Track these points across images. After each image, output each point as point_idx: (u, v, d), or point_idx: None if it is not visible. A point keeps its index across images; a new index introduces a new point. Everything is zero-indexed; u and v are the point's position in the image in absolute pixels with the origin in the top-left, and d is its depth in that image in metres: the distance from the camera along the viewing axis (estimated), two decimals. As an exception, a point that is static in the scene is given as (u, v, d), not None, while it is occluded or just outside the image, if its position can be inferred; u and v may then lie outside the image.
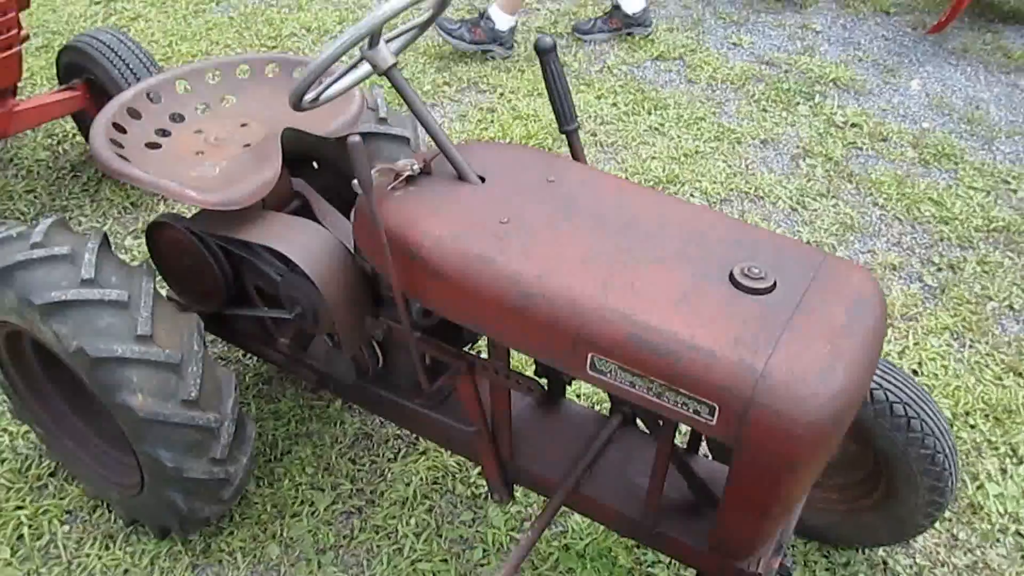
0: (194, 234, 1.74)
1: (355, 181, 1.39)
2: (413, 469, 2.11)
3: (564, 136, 1.64)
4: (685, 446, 1.67)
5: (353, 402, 1.94)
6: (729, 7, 4.41)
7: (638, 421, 1.75)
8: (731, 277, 1.25)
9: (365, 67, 1.52)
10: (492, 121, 3.45)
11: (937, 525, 2.00)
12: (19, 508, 2.02)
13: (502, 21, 3.81)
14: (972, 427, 2.25)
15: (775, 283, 1.24)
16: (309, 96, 1.45)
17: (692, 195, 3.06)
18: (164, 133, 1.82)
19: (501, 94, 3.64)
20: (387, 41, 1.46)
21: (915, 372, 2.40)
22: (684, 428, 1.81)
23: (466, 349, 1.61)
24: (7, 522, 1.98)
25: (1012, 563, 1.95)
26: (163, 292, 2.01)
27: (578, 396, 2.29)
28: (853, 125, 3.48)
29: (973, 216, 3.00)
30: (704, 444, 1.92)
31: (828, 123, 3.49)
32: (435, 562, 1.92)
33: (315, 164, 2.16)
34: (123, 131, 1.76)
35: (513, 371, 1.53)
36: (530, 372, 1.76)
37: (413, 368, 1.76)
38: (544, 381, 1.77)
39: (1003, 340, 2.52)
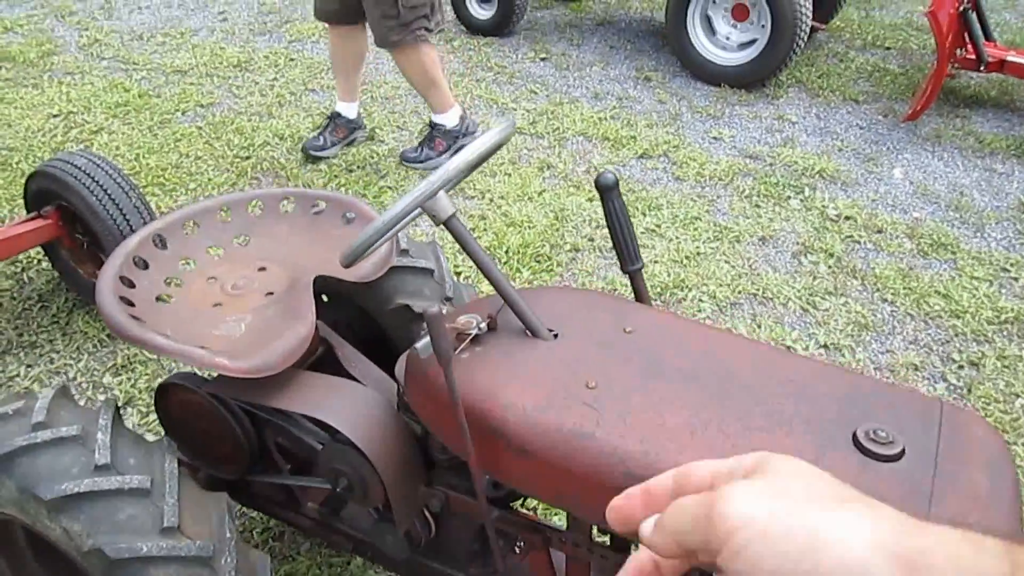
0: (215, 396, 1.56)
1: (418, 345, 1.24)
2: (452, 633, 1.90)
3: (628, 276, 1.53)
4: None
5: (397, 573, 1.74)
6: (703, 100, 4.45)
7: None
8: (855, 441, 1.13)
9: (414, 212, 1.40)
10: (485, 229, 3.34)
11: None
12: None
13: (349, 110, 3.94)
14: (1032, 541, 2.14)
15: (904, 448, 1.12)
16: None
17: (702, 300, 2.98)
18: (174, 283, 1.65)
19: (491, 200, 3.55)
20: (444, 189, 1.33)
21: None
22: None
23: (540, 519, 1.45)
24: None
25: None
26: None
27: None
28: (847, 218, 3.47)
29: (982, 308, 2.97)
30: None
31: (822, 217, 3.47)
32: None
33: (324, 297, 2.01)
34: (131, 285, 1.58)
35: (596, 543, 1.37)
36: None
37: (467, 536, 1.58)
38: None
39: (1040, 440, 2.45)
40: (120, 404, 2.54)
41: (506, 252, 3.20)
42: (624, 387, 1.22)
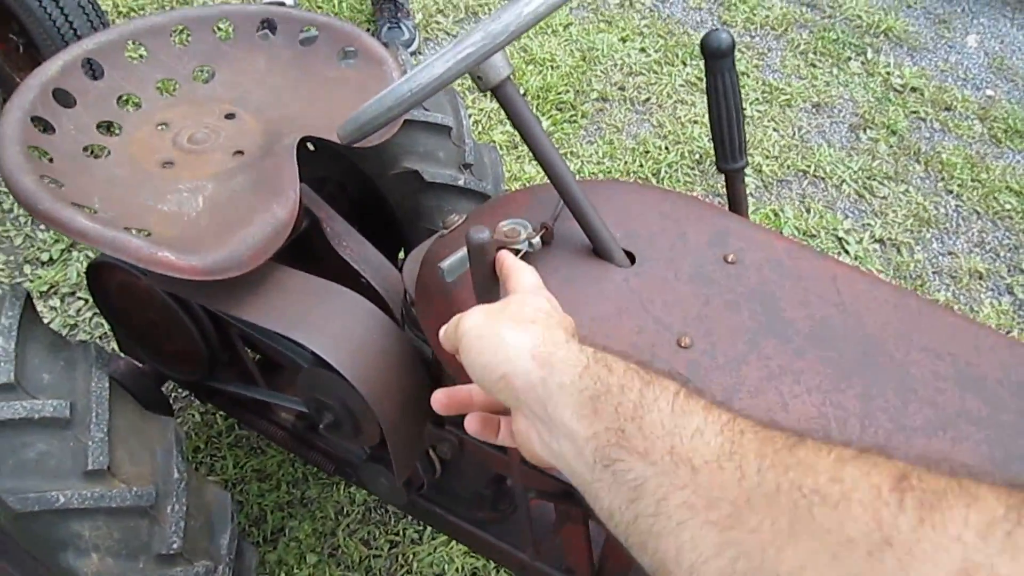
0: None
1: (444, 265, 0.88)
2: (444, 555, 1.65)
3: (724, 175, 1.15)
4: None
5: (392, 506, 1.46)
6: (757, -69, 3.83)
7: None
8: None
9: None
10: (499, 65, 2.86)
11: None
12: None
13: None
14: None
15: None
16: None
17: (745, 174, 2.58)
18: (110, 128, 1.24)
19: (507, 30, 3.04)
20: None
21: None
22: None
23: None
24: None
25: None
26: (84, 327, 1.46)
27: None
28: (912, 89, 3.02)
29: (1058, 210, 2.61)
30: None
31: (885, 86, 3.02)
32: None
33: (310, 146, 1.60)
34: (50, 130, 1.17)
35: None
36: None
37: (478, 479, 1.28)
38: None
39: (1109, 372, 2.18)
40: (46, 289, 2.17)
41: (524, 95, 2.74)
42: (730, 349, 0.88)
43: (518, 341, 0.54)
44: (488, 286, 0.76)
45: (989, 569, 0.29)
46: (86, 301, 2.07)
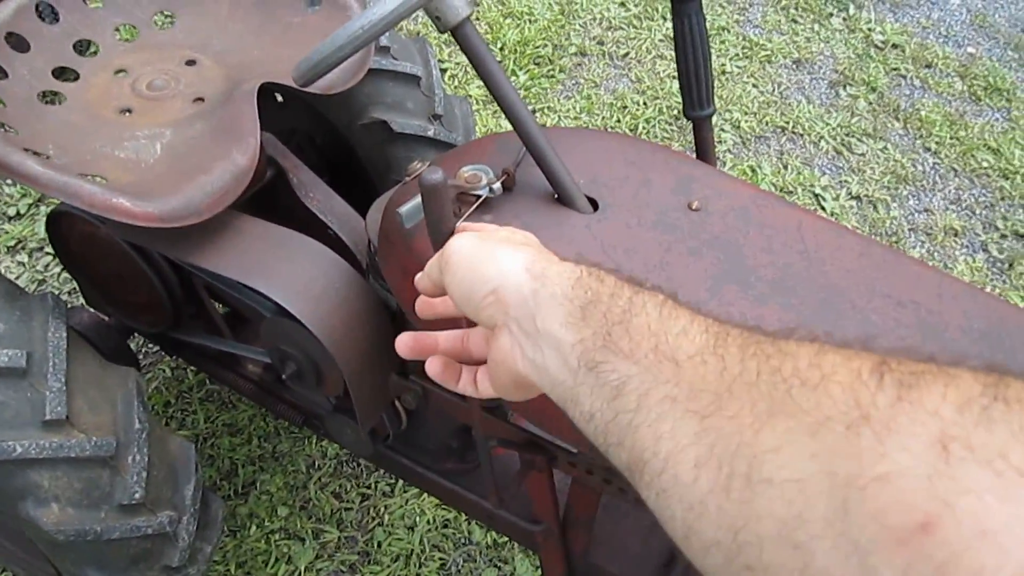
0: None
1: (402, 210, 0.87)
2: (416, 507, 1.66)
3: (691, 123, 1.13)
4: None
5: (360, 457, 1.46)
6: None
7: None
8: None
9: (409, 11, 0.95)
10: (476, 18, 2.82)
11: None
12: None
13: None
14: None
15: None
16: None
17: (723, 130, 2.57)
18: (66, 75, 1.20)
19: (485, -18, 2.99)
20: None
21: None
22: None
23: (544, 434, 1.13)
24: None
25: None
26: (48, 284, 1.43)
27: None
28: (894, 46, 3.00)
29: (1034, 169, 2.62)
30: None
31: (866, 42, 3.00)
32: (453, 641, 1.52)
33: (279, 97, 1.58)
34: (2, 75, 1.13)
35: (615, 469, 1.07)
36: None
37: (444, 430, 1.29)
38: None
39: (1079, 328, 2.20)
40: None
41: (501, 49, 2.71)
42: (691, 295, 0.87)
43: (512, 257, 0.54)
44: (442, 228, 0.75)
45: (965, 440, 0.29)
46: (54, 256, 2.04)
